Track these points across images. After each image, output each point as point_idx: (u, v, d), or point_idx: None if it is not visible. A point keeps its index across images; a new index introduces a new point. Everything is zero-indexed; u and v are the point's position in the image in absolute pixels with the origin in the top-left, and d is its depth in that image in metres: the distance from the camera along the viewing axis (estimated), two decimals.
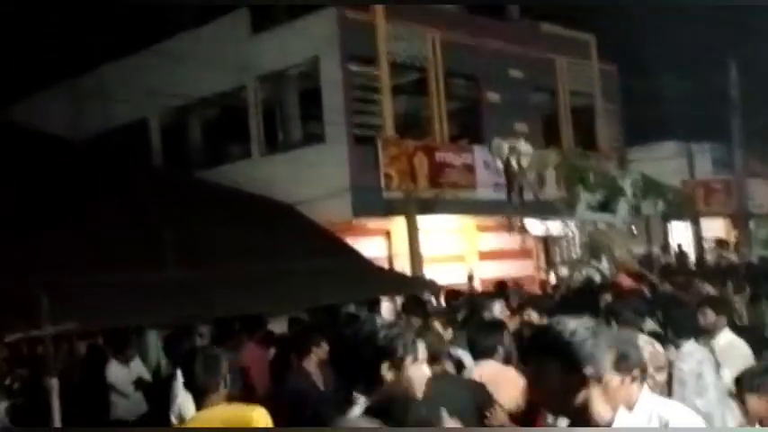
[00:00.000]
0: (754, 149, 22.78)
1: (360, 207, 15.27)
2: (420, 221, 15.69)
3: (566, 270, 12.93)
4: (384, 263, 15.88)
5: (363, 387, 3.33)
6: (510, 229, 13.32)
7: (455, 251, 18.12)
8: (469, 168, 16.52)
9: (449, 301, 10.79)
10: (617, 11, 20.07)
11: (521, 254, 18.04)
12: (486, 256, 18.29)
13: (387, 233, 16.85)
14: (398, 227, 16.07)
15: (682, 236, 21.99)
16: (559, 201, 14.03)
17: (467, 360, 5.77)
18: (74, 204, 10.06)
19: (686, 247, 20.70)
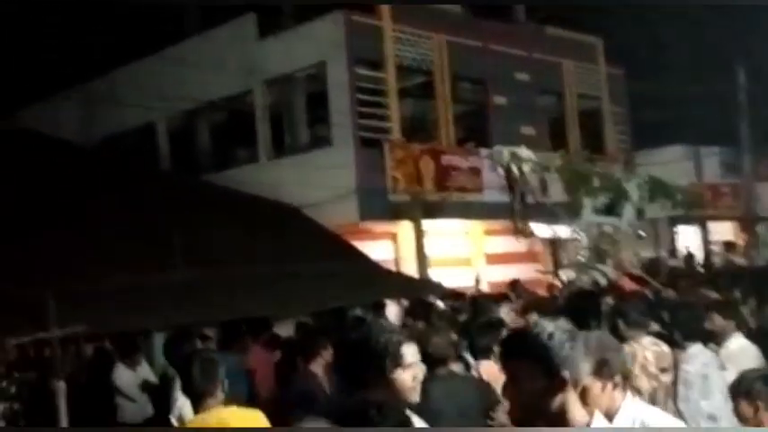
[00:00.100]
0: (762, 153, 22.72)
1: (366, 210, 15.29)
2: (427, 224, 15.72)
3: (572, 273, 12.90)
4: (391, 266, 15.87)
5: (357, 390, 3.33)
6: (516, 233, 13.30)
7: (462, 254, 18.12)
8: (476, 172, 16.51)
9: (453, 303, 10.78)
10: (624, 12, 20.00)
11: (528, 257, 18.03)
12: (494, 259, 18.27)
13: (393, 236, 16.86)
14: (405, 230, 16.10)
15: (690, 239, 21.94)
16: (563, 205, 14.01)
17: (471, 360, 5.79)
18: (82, 207, 10.07)
19: (694, 251, 20.63)
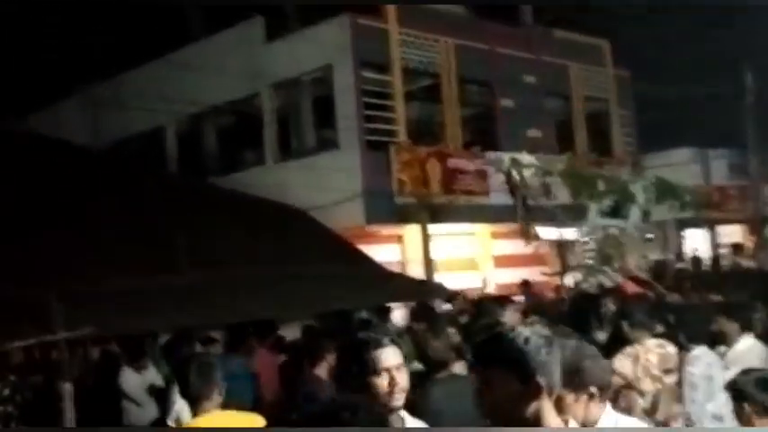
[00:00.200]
0: None
1: (372, 213, 15.30)
2: (434, 227, 15.71)
3: (579, 275, 12.87)
4: (397, 269, 15.87)
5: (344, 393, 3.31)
6: (523, 236, 13.29)
7: (470, 257, 18.12)
8: (482, 174, 16.49)
9: (458, 305, 10.78)
10: (631, 14, 19.98)
11: (535, 260, 18.01)
12: (501, 262, 18.26)
13: (400, 239, 16.87)
14: (411, 233, 16.09)
15: (698, 242, 21.90)
16: (566, 208, 13.99)
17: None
18: (85, 209, 10.08)
19: (702, 253, 20.57)
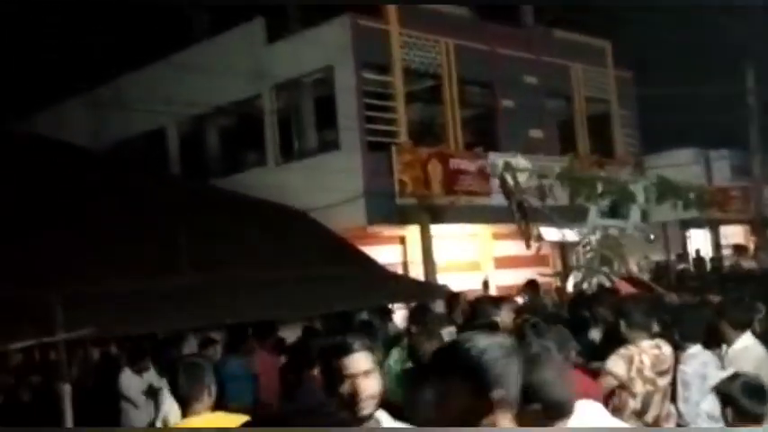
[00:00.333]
0: None
1: (374, 214, 15.30)
2: (436, 228, 15.72)
3: (579, 276, 12.85)
4: (399, 269, 15.91)
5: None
6: (522, 237, 13.27)
7: (471, 258, 18.13)
8: (484, 175, 16.48)
9: (452, 306, 10.78)
10: (632, 14, 19.97)
11: (537, 260, 17.99)
12: (503, 262, 18.27)
13: (401, 240, 16.88)
14: (413, 233, 16.10)
15: (700, 242, 21.87)
16: (563, 210, 13.97)
17: None
18: (86, 211, 10.12)
19: (704, 254, 20.56)
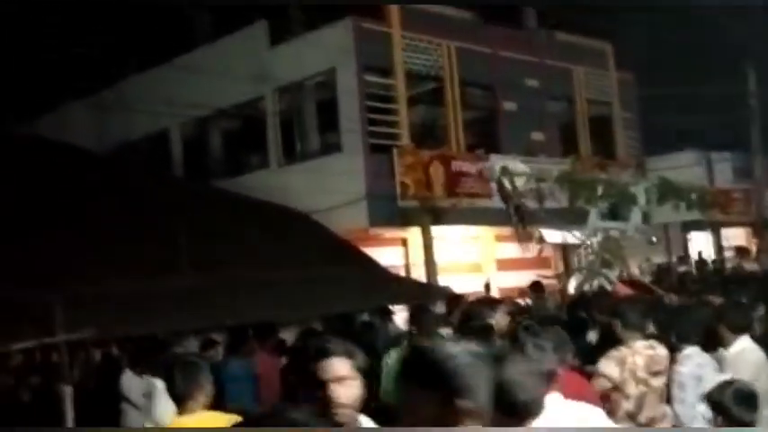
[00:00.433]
0: None
1: (375, 216, 15.32)
2: (438, 230, 15.74)
3: (580, 278, 12.87)
4: (401, 272, 15.93)
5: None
6: (519, 241, 13.31)
7: (473, 260, 18.15)
8: (485, 178, 16.48)
9: (451, 308, 10.81)
10: (634, 16, 19.98)
11: (539, 263, 18.02)
12: (504, 265, 18.28)
13: (404, 242, 16.90)
14: (415, 236, 16.12)
15: (702, 245, 21.86)
16: (564, 214, 14.00)
17: None
18: (87, 212, 10.17)
19: (706, 256, 20.56)
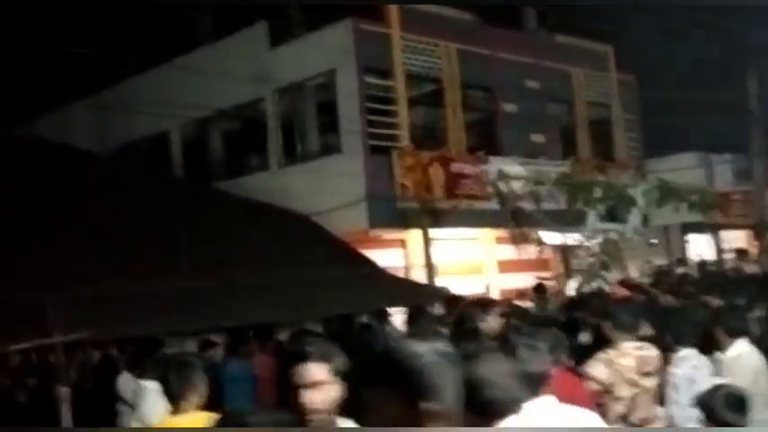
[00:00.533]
0: None
1: (375, 217, 15.34)
2: (438, 232, 15.75)
3: (579, 280, 12.89)
4: (401, 273, 15.92)
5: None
6: (516, 243, 13.36)
7: (473, 262, 18.15)
8: (485, 179, 16.51)
9: (450, 309, 10.81)
10: (635, 17, 19.98)
11: (539, 264, 18.03)
12: (505, 266, 18.28)
13: (404, 243, 16.90)
14: (415, 237, 16.13)
15: (701, 246, 21.86)
16: (561, 217, 14.03)
17: None
18: (86, 213, 10.19)
19: (705, 258, 20.54)
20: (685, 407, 5.07)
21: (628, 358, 4.13)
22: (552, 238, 16.52)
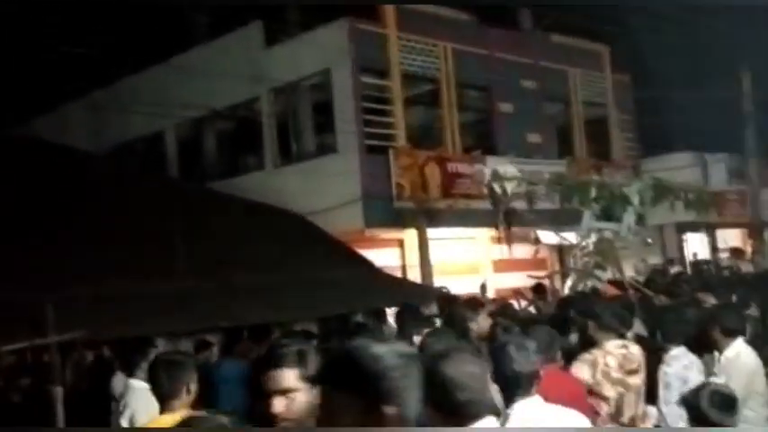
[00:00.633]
0: None
1: (371, 217, 15.34)
2: (434, 231, 15.75)
3: (574, 279, 12.90)
4: (398, 272, 15.94)
5: None
6: (507, 243, 13.36)
7: (469, 261, 18.15)
8: (481, 179, 16.51)
9: (443, 309, 10.81)
10: (630, 18, 20.02)
11: (535, 264, 18.02)
12: (501, 266, 18.28)
13: (400, 243, 16.91)
14: (412, 237, 16.13)
15: (696, 245, 21.89)
16: (555, 217, 14.05)
17: None
18: (86, 214, 10.20)
19: (701, 257, 20.58)
20: (676, 405, 5.09)
21: (611, 357, 4.12)
22: (549, 237, 16.53)
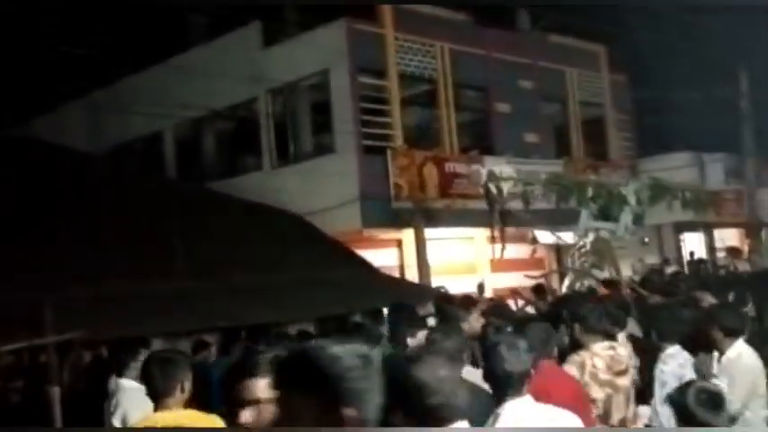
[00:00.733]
0: (766, 159, 22.74)
1: (369, 217, 15.35)
2: (433, 232, 15.77)
3: (571, 279, 12.93)
4: (396, 273, 15.96)
5: None
6: (501, 243, 13.39)
7: (467, 261, 18.18)
8: (479, 179, 16.55)
9: (439, 309, 10.80)
10: (628, 18, 20.05)
11: (533, 264, 18.04)
12: (499, 266, 18.30)
13: (399, 243, 16.93)
14: (410, 237, 16.15)
15: (694, 245, 21.93)
16: (551, 217, 14.09)
17: None
18: (85, 214, 10.21)
19: (698, 256, 20.61)
20: None
21: (598, 359, 4.10)
22: (546, 237, 16.56)
